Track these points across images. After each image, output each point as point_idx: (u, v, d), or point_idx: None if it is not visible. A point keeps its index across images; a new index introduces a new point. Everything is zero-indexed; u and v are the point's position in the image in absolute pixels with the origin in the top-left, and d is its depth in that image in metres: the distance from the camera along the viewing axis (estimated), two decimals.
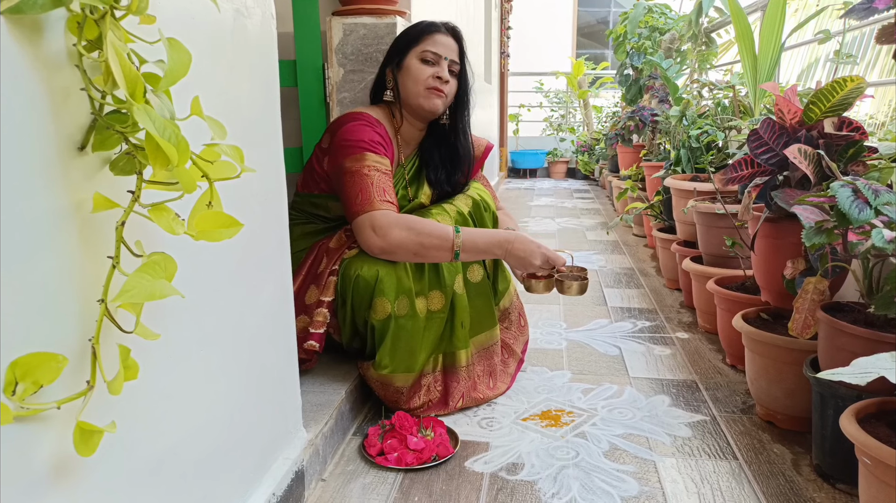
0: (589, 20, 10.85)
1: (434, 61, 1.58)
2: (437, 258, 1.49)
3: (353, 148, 1.49)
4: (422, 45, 1.58)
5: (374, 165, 1.49)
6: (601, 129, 7.08)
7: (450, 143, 1.70)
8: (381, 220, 1.44)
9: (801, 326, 1.31)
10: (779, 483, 1.28)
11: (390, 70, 1.62)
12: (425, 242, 1.45)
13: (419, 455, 1.35)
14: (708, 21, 3.43)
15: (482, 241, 1.52)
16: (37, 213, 0.57)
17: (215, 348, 0.90)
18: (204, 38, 0.84)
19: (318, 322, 1.49)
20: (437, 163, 1.70)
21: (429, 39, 1.59)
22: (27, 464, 0.58)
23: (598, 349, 2.02)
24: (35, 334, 0.58)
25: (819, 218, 1.19)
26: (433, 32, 1.60)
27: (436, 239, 1.46)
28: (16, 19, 0.54)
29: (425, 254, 1.47)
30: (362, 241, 1.47)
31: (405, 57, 1.60)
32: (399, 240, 1.44)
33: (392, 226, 1.44)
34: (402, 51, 1.61)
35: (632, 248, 3.55)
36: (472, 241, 1.50)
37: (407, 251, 1.45)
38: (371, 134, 1.52)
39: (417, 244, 1.45)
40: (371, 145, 1.50)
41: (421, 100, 1.58)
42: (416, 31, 1.61)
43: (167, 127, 0.57)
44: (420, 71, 1.58)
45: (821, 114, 1.43)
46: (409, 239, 1.45)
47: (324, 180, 1.59)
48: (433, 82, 1.57)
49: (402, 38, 1.63)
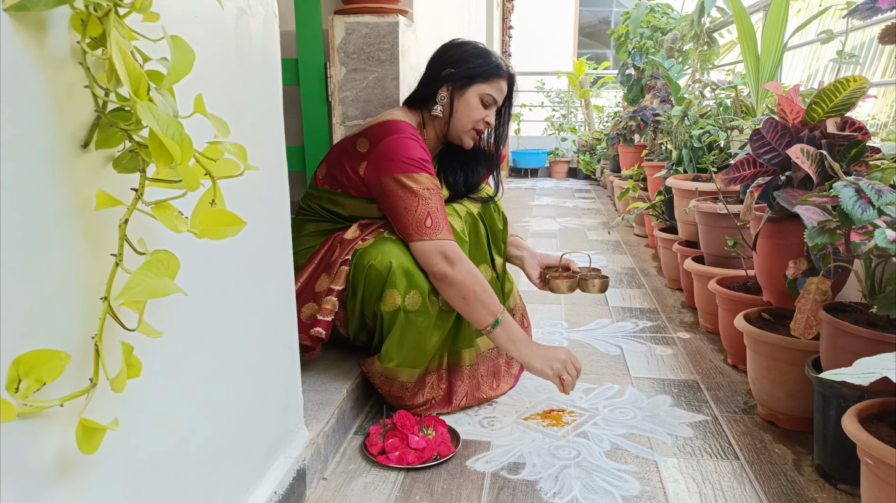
0: (590, 20, 10.84)
1: (489, 104, 1.61)
2: (478, 314, 1.48)
3: (408, 165, 1.48)
4: (489, 85, 1.59)
5: (432, 188, 1.49)
6: (602, 128, 7.08)
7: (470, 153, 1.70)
8: (454, 252, 1.46)
9: (803, 327, 1.30)
10: (780, 483, 1.28)
11: (448, 87, 1.60)
12: (480, 293, 1.46)
13: (420, 454, 1.35)
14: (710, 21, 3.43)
15: (517, 330, 1.52)
16: (40, 211, 0.57)
17: (218, 346, 0.90)
18: (207, 36, 0.84)
19: (326, 310, 1.49)
20: (457, 167, 1.70)
21: (496, 83, 1.60)
22: (30, 461, 0.58)
23: (600, 349, 2.02)
24: (38, 331, 0.57)
25: (822, 218, 1.19)
26: (501, 77, 1.61)
27: (489, 296, 1.48)
28: (20, 16, 0.54)
29: (472, 304, 1.46)
30: (428, 265, 1.46)
31: (469, 86, 1.59)
32: (465, 276, 1.45)
33: (463, 260, 1.47)
34: (469, 78, 1.59)
35: (633, 248, 3.55)
36: (511, 322, 1.52)
37: (465, 289, 1.45)
38: (421, 151, 1.51)
39: (475, 291, 1.46)
40: (423, 164, 1.50)
41: (463, 135, 1.62)
42: (490, 67, 1.60)
43: (171, 124, 0.57)
44: (477, 111, 1.60)
45: (823, 114, 1.43)
46: (472, 281, 1.46)
47: (353, 186, 1.56)
48: (481, 126, 1.62)
49: (475, 62, 1.60)
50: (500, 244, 1.71)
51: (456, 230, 1.57)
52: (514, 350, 1.50)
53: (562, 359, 1.50)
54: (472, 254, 1.60)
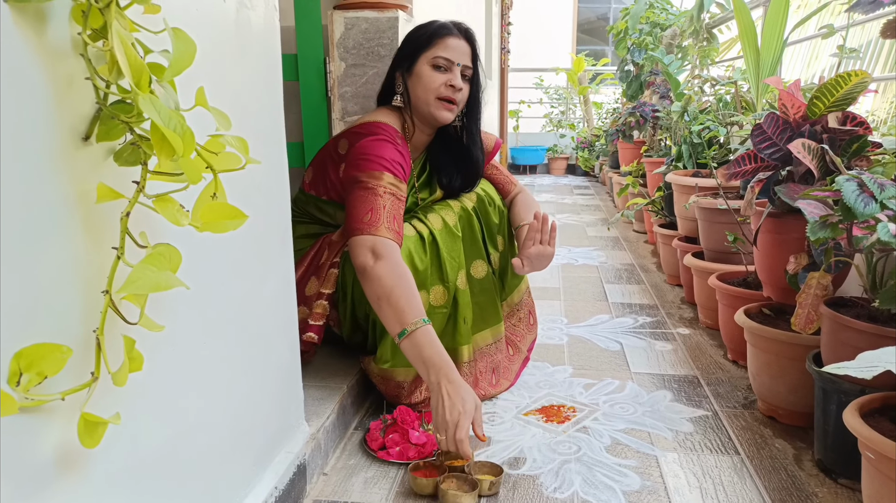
0: (589, 16, 10.83)
1: (446, 67, 1.50)
2: (385, 318, 1.33)
3: (373, 163, 1.42)
4: (433, 49, 1.50)
5: (389, 188, 1.41)
6: (601, 125, 7.07)
7: (462, 146, 1.63)
8: (385, 249, 1.35)
9: (804, 321, 1.30)
10: (781, 478, 1.28)
11: (400, 74, 1.55)
12: (395, 297, 1.31)
13: (421, 449, 1.35)
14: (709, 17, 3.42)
15: (432, 350, 1.29)
16: (41, 204, 0.57)
17: (219, 340, 0.90)
18: (208, 29, 0.84)
19: (317, 314, 1.49)
20: (450, 167, 1.64)
21: (441, 43, 1.50)
22: (31, 455, 0.57)
23: (600, 344, 2.02)
24: (39, 325, 0.57)
25: (823, 212, 1.19)
26: (445, 35, 1.51)
27: (406, 302, 1.31)
28: (20, 7, 0.53)
29: (383, 306, 1.32)
30: (355, 258, 1.37)
31: (416, 62, 1.52)
32: (383, 274, 1.32)
33: (391, 258, 1.34)
34: (412, 54, 1.53)
35: (632, 244, 3.55)
36: (425, 339, 1.30)
37: (381, 288, 1.32)
38: (393, 153, 1.45)
39: (391, 293, 1.31)
40: (391, 165, 1.43)
41: (432, 109, 1.51)
42: (427, 33, 1.52)
43: (172, 117, 0.57)
44: (431, 79, 1.49)
45: (825, 108, 1.43)
46: (391, 281, 1.32)
47: (335, 188, 1.53)
48: (445, 91, 1.50)
49: (411, 39, 1.55)
50: (497, 238, 1.69)
51: (448, 225, 1.55)
52: (423, 371, 1.30)
53: (464, 411, 1.24)
54: (466, 249, 1.58)
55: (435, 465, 1.27)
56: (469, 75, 1.56)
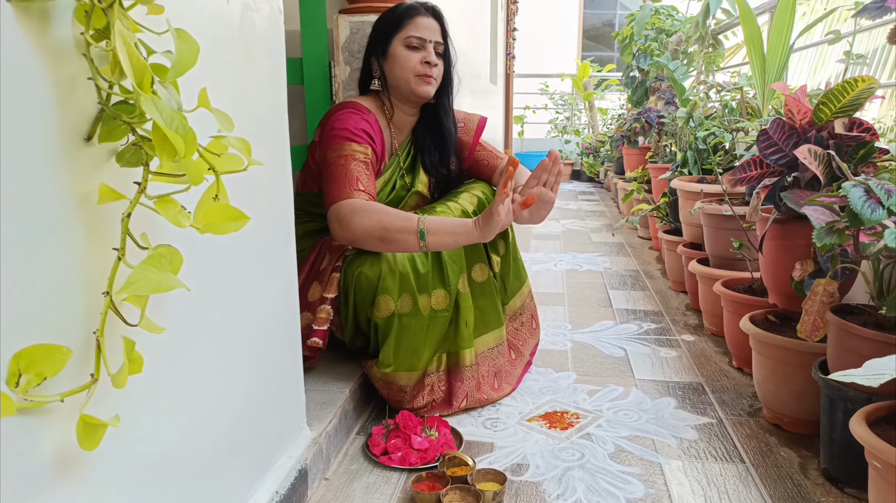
0: (594, 22, 10.84)
1: (420, 46, 1.55)
2: (405, 242, 1.40)
3: (336, 138, 1.48)
4: (404, 30, 1.55)
5: (352, 154, 1.45)
6: (606, 131, 7.07)
7: (439, 123, 1.68)
8: (345, 209, 1.39)
9: (810, 329, 1.29)
10: (786, 487, 1.27)
11: (375, 59, 1.60)
12: (387, 224, 1.38)
13: (423, 455, 1.34)
14: (715, 23, 3.42)
15: (449, 223, 1.43)
16: (42, 204, 0.57)
17: (220, 343, 0.90)
18: (212, 31, 0.84)
19: (322, 319, 1.49)
20: (431, 147, 1.68)
21: (411, 24, 1.55)
22: (30, 457, 0.57)
23: (604, 351, 2.01)
24: (39, 326, 0.57)
25: (830, 218, 1.18)
26: (415, 16, 1.56)
27: (398, 220, 1.39)
28: (23, 7, 0.53)
29: (391, 239, 1.39)
30: (333, 235, 1.44)
31: (389, 44, 1.57)
32: (362, 226, 1.38)
33: (354, 212, 1.39)
34: (384, 38, 1.58)
35: (637, 250, 3.54)
36: (438, 221, 1.42)
37: (372, 237, 1.39)
38: (356, 121, 1.50)
39: (381, 228, 1.38)
40: (354, 134, 1.48)
41: (412, 86, 1.55)
42: (396, 16, 1.57)
43: (174, 118, 0.57)
44: (408, 58, 1.54)
45: (831, 114, 1.42)
46: (371, 223, 1.38)
47: (318, 176, 1.57)
48: (422, 68, 1.55)
49: (382, 24, 1.60)
50: (497, 241, 1.68)
51: None
52: (464, 239, 1.42)
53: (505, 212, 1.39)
54: (467, 252, 1.58)
55: (437, 475, 1.26)
56: (441, 51, 1.61)
